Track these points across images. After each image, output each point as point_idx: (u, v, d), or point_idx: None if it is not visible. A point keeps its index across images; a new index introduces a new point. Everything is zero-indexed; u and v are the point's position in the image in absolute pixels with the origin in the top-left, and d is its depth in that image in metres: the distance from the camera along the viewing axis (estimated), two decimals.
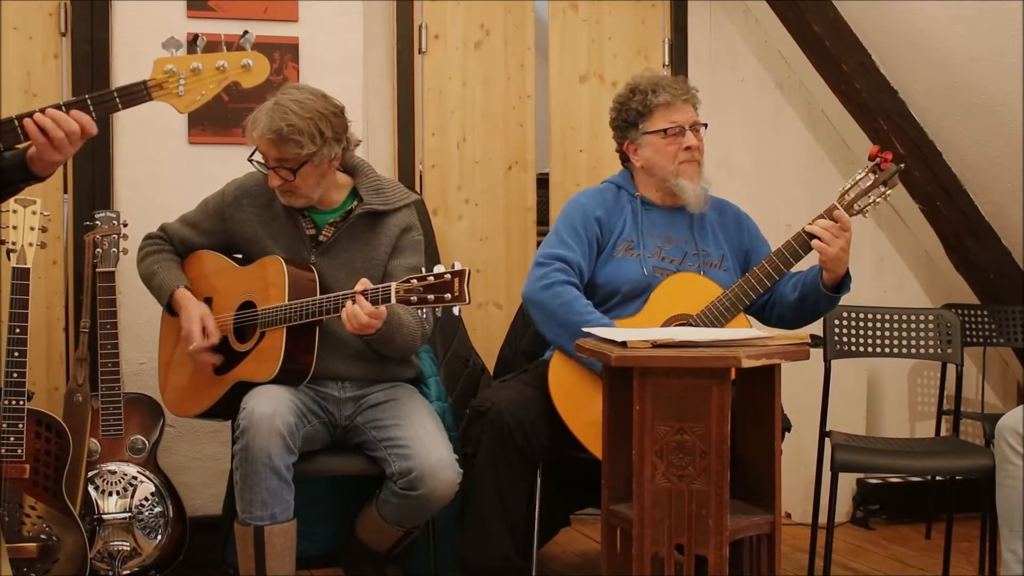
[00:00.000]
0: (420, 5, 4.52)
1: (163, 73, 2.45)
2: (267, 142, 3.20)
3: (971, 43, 3.97)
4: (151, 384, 3.81)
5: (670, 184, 3.49)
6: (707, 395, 2.68)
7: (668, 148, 3.48)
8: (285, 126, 3.16)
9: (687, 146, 3.47)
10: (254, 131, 3.21)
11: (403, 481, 3.14)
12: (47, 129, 2.37)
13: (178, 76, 2.45)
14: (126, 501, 3.58)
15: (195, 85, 2.48)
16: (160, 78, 2.45)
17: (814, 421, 3.87)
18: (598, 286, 3.46)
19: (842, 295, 3.40)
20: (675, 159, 3.47)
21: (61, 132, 2.37)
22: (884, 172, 3.33)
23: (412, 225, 3.46)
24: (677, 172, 3.48)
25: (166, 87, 2.45)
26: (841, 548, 4.27)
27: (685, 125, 3.48)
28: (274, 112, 3.18)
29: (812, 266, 3.38)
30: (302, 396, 3.26)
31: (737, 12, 4.85)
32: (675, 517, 2.71)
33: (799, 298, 3.43)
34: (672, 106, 3.48)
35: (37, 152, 2.40)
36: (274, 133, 3.17)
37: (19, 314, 3.30)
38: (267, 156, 3.24)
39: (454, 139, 4.57)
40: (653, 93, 3.49)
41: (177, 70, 2.46)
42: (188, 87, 2.47)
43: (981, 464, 3.47)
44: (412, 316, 3.27)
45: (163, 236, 3.54)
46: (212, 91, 2.50)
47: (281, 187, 3.28)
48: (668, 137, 3.47)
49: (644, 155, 3.52)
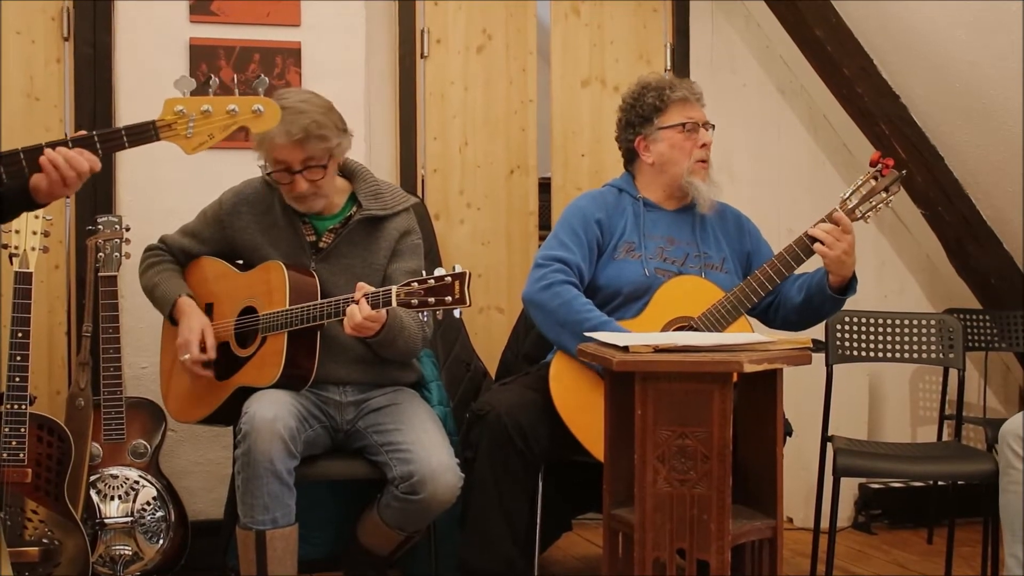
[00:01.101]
0: (422, 9, 4.53)
1: (173, 114, 2.44)
2: (294, 145, 3.18)
3: (972, 47, 3.97)
4: (153, 388, 3.81)
5: (683, 182, 3.50)
6: (709, 400, 2.68)
7: (685, 144, 3.49)
8: (310, 122, 3.17)
9: (703, 143, 3.48)
10: (274, 139, 3.16)
11: (404, 485, 3.14)
12: (59, 167, 2.39)
13: (187, 118, 2.44)
14: (128, 505, 3.58)
15: (204, 127, 2.46)
16: (170, 119, 2.44)
17: (816, 426, 3.86)
18: (599, 288, 3.46)
19: (848, 297, 3.40)
20: (690, 156, 3.48)
21: (73, 172, 2.40)
22: (886, 178, 3.33)
23: (411, 229, 3.46)
24: (692, 170, 3.49)
25: (175, 128, 2.44)
26: (843, 553, 4.27)
27: (700, 123, 3.50)
28: (289, 116, 3.11)
29: (818, 268, 3.38)
30: (303, 400, 3.26)
31: (738, 16, 4.85)
32: (677, 521, 2.71)
33: (804, 300, 3.43)
34: (688, 103, 3.51)
35: (46, 187, 2.41)
36: (303, 132, 3.16)
37: (21, 318, 3.30)
38: (291, 162, 3.22)
39: (456, 143, 4.58)
40: (671, 89, 3.51)
41: (187, 111, 2.44)
42: (197, 129, 2.45)
43: (983, 469, 3.47)
44: (413, 319, 3.28)
45: (163, 247, 3.54)
46: (220, 135, 2.48)
47: (308, 190, 3.26)
48: (685, 132, 3.49)
49: (658, 150, 3.52)
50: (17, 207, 2.52)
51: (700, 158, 3.49)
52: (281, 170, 3.25)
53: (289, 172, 3.24)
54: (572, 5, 4.70)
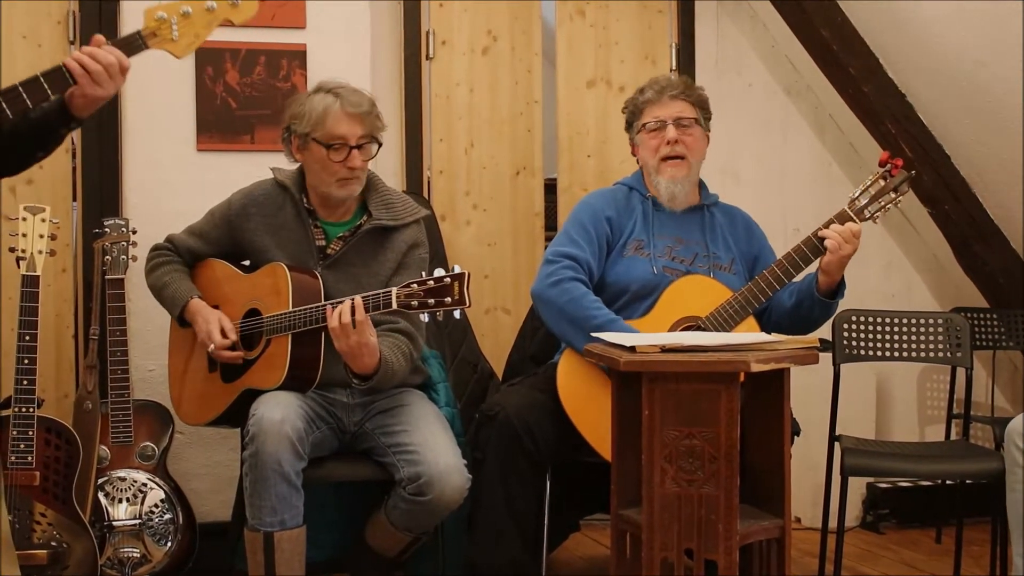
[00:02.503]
0: (427, 11, 4.53)
1: (155, 21, 2.48)
2: (357, 118, 3.27)
3: (978, 47, 3.97)
4: (160, 391, 3.81)
5: (652, 180, 3.54)
6: (716, 399, 2.68)
7: (651, 143, 3.54)
8: (371, 101, 3.32)
9: (668, 140, 3.50)
10: (338, 111, 3.26)
11: (412, 487, 3.14)
12: (86, 64, 2.40)
13: (170, 22, 2.48)
14: (136, 508, 3.58)
15: (187, 29, 2.50)
16: (153, 26, 2.48)
17: (823, 425, 3.86)
18: (607, 285, 3.47)
19: (837, 301, 3.43)
20: (656, 153, 3.52)
21: (100, 66, 2.41)
22: (894, 179, 3.34)
23: (419, 242, 3.46)
24: (658, 168, 3.52)
25: (160, 34, 2.48)
26: (851, 553, 4.26)
27: (667, 120, 3.51)
28: (348, 93, 3.30)
29: (808, 274, 3.40)
30: (311, 402, 3.26)
31: (744, 17, 4.85)
32: (684, 522, 2.70)
33: (795, 304, 3.45)
34: (657, 103, 3.55)
35: (80, 89, 2.42)
36: (368, 105, 3.30)
37: (29, 321, 3.31)
38: (348, 137, 3.27)
39: (461, 145, 4.58)
40: (641, 92, 3.60)
41: (168, 16, 2.48)
42: (181, 31, 2.49)
43: (991, 468, 3.46)
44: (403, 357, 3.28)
45: (170, 247, 3.54)
46: (205, 33, 2.53)
47: (361, 166, 3.32)
48: (650, 132, 3.53)
49: (640, 153, 3.60)
50: (57, 126, 2.51)
51: (665, 155, 3.51)
52: (340, 145, 3.28)
53: (347, 146, 3.28)
54: (577, 6, 4.69)
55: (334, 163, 3.30)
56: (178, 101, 4.04)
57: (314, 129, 3.29)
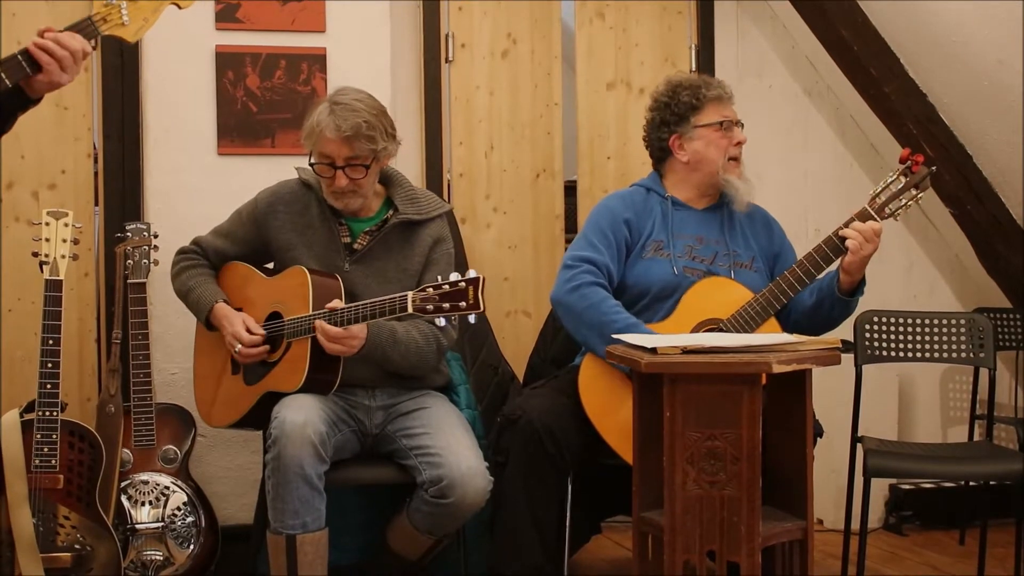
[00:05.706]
0: (447, 14, 4.53)
1: (105, 7, 2.54)
2: (341, 140, 3.22)
3: (1000, 46, 3.94)
4: (182, 394, 3.83)
5: (719, 180, 3.52)
6: (738, 401, 2.67)
7: (720, 141, 3.52)
8: (362, 122, 3.22)
9: (737, 141, 3.51)
10: (323, 132, 3.23)
11: (434, 489, 3.15)
12: (51, 51, 2.45)
13: (119, 7, 2.54)
14: (158, 511, 3.60)
15: (137, 13, 2.57)
16: (103, 12, 2.54)
17: (846, 426, 3.84)
18: (628, 287, 3.47)
19: (856, 299, 3.42)
20: (726, 153, 3.51)
21: (65, 52, 2.45)
22: (916, 175, 3.33)
23: (444, 237, 3.47)
24: (726, 168, 3.51)
25: (110, 19, 2.54)
26: (874, 554, 4.24)
27: (734, 120, 3.52)
28: (342, 111, 3.22)
29: (828, 272, 3.39)
30: (332, 405, 3.27)
31: (764, 18, 4.84)
32: (707, 524, 2.70)
33: (816, 303, 3.44)
34: (723, 101, 3.55)
35: (47, 76, 2.47)
36: (352, 130, 3.21)
37: (52, 326, 3.32)
38: (335, 157, 3.26)
39: (482, 148, 4.58)
40: (706, 87, 3.55)
41: (117, 1, 2.54)
42: (131, 15, 2.56)
43: (1015, 469, 3.45)
44: (418, 332, 3.28)
45: (197, 250, 3.55)
46: (153, 18, 2.60)
47: (347, 187, 3.29)
48: (721, 131, 3.51)
49: (693, 148, 3.53)
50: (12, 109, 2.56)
51: (733, 156, 3.51)
52: (325, 163, 3.28)
53: (332, 167, 3.27)
54: (597, 8, 4.69)
55: (324, 178, 3.32)
56: (198, 106, 4.05)
57: (307, 143, 3.31)
